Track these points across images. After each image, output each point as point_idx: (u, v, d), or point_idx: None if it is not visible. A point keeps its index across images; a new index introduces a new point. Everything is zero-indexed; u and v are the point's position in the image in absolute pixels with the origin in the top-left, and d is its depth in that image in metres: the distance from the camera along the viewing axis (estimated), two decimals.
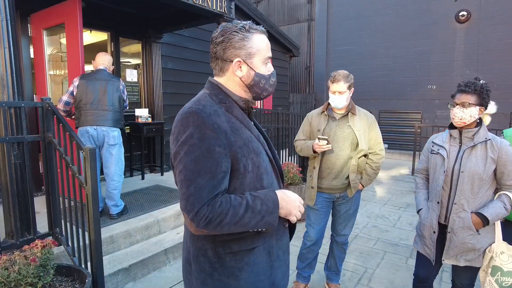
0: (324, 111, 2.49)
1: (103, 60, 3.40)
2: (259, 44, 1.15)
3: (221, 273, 1.13)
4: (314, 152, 2.38)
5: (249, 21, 1.17)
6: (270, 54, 1.20)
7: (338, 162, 2.41)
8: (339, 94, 2.33)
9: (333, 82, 2.35)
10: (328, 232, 2.70)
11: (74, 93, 3.22)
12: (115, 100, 3.26)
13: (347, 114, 2.43)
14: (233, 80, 1.17)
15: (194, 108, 1.06)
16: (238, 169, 1.09)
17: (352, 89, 2.38)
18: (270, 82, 1.20)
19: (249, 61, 1.14)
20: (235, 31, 1.12)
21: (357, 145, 2.39)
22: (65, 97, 3.25)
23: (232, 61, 1.14)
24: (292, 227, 1.33)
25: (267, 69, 1.19)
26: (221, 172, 1.04)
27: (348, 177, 2.43)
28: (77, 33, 3.54)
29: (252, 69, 1.15)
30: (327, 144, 2.31)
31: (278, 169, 1.26)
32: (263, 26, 1.22)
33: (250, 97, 1.21)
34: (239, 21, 1.17)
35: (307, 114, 2.65)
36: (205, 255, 1.14)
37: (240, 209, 1.04)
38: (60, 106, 3.23)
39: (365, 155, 2.46)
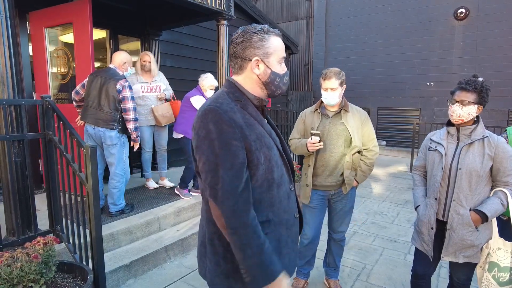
0: (317, 109, 2.52)
1: (113, 59, 3.46)
2: (276, 45, 1.24)
3: (234, 255, 1.19)
4: (308, 150, 2.40)
5: (266, 25, 1.27)
6: (284, 55, 1.28)
7: (332, 159, 2.42)
8: (331, 91, 2.36)
9: (324, 79, 2.37)
10: (325, 229, 2.73)
11: (85, 85, 3.38)
12: (109, 100, 3.23)
13: (340, 111, 2.45)
14: (250, 78, 1.25)
15: (212, 106, 1.16)
16: (252, 160, 1.17)
17: (344, 86, 2.41)
18: (284, 80, 1.30)
19: (266, 60, 1.23)
20: (254, 32, 1.22)
21: (351, 141, 2.41)
22: (77, 87, 3.47)
23: (250, 60, 1.22)
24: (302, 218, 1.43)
25: (282, 68, 1.28)
26: (239, 163, 1.12)
27: (342, 174, 2.45)
28: (87, 33, 3.59)
29: (269, 67, 1.24)
30: (320, 141, 2.33)
31: (289, 162, 1.34)
32: (268, 25, 1.29)
33: (265, 95, 1.30)
34: (257, 24, 1.26)
35: (301, 112, 2.68)
36: (220, 239, 1.22)
37: (252, 246, 1.11)
38: (72, 94, 3.51)
39: (359, 152, 2.49)
